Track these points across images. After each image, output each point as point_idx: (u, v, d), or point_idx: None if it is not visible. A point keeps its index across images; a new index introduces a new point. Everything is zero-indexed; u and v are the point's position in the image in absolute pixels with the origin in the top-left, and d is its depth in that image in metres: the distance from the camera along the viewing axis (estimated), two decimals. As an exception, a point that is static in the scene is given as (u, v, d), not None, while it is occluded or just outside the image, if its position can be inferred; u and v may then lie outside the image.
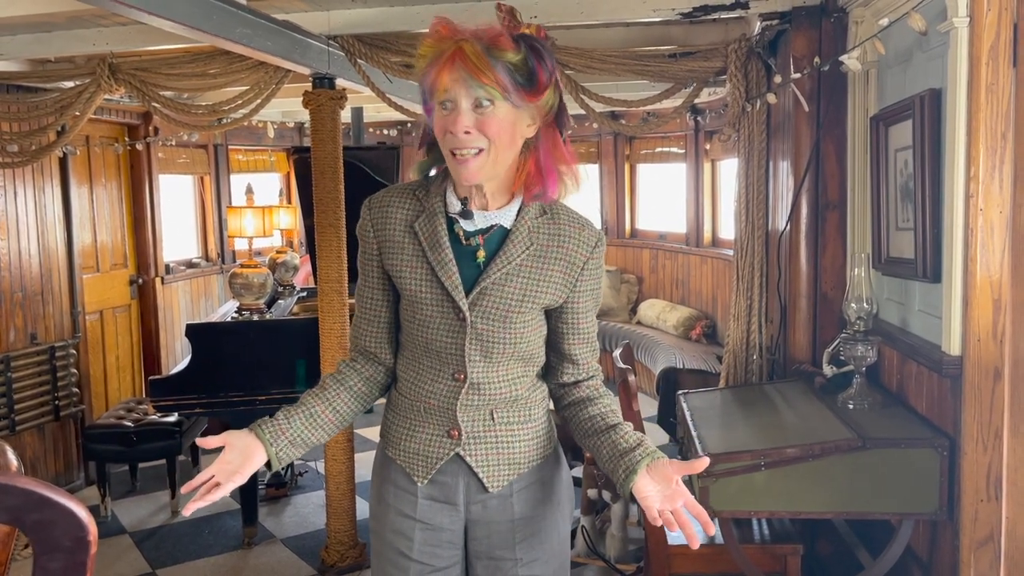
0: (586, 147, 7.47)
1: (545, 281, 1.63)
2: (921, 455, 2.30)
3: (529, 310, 1.64)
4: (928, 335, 2.45)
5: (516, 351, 1.66)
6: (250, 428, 1.64)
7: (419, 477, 1.70)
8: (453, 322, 1.62)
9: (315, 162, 3.68)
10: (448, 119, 1.52)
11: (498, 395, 1.67)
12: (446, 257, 1.60)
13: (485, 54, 1.49)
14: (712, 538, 2.84)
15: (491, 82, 1.49)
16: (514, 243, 1.61)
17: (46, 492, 0.89)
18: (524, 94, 1.53)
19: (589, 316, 1.71)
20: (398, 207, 1.67)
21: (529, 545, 1.73)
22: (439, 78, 1.50)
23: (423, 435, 1.70)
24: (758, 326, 3.52)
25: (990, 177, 2.13)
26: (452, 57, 1.49)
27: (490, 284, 1.61)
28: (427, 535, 1.72)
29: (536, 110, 1.57)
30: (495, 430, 1.68)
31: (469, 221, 1.62)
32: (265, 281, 4.50)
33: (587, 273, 1.67)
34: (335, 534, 3.79)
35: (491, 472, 1.69)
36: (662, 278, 7.05)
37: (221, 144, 6.51)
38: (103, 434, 4.44)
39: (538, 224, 1.63)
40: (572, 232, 1.65)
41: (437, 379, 1.67)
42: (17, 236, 4.54)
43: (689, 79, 3.65)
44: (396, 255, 1.66)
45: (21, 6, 3.09)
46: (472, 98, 1.51)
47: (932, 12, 2.29)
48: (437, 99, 1.53)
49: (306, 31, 3.46)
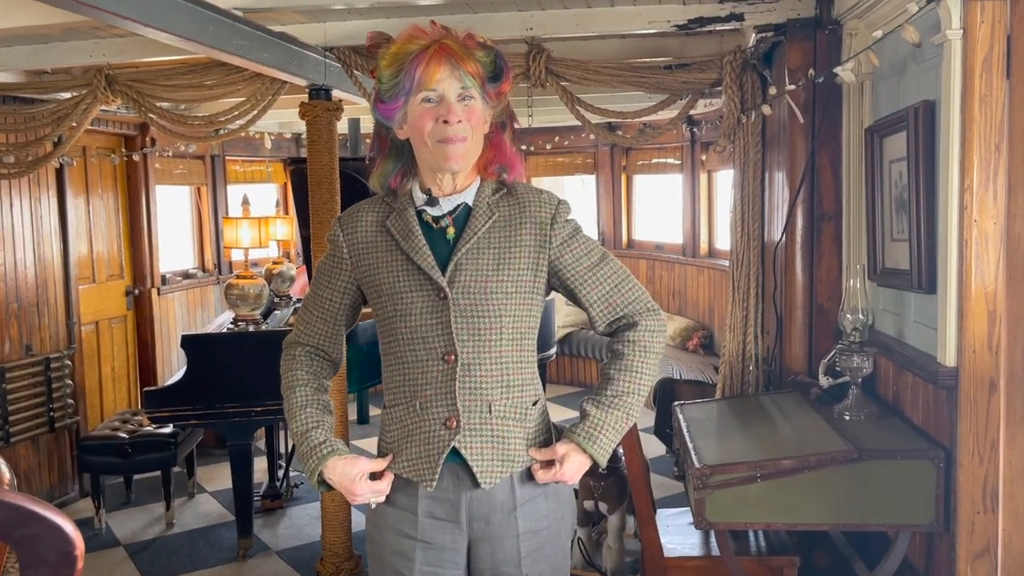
0: (583, 158, 7.48)
1: (517, 246, 1.69)
2: (917, 467, 2.30)
3: (508, 279, 1.67)
4: (924, 346, 2.45)
5: (503, 327, 1.66)
6: (329, 459, 1.69)
7: (426, 480, 1.67)
8: (436, 302, 1.65)
9: (311, 173, 3.68)
10: (439, 110, 1.60)
11: (492, 378, 1.67)
12: (419, 243, 1.67)
13: (463, 51, 1.61)
14: (709, 550, 2.83)
15: (473, 72, 1.61)
16: (476, 216, 1.69)
17: (33, 507, 0.88)
18: (491, 91, 1.66)
19: (583, 264, 1.72)
20: (368, 212, 1.75)
21: (534, 560, 1.72)
22: (428, 71, 1.58)
23: (420, 435, 1.68)
24: (754, 337, 3.52)
25: (984, 188, 2.14)
26: (439, 51, 1.59)
27: (462, 258, 1.67)
28: (428, 555, 1.70)
29: (492, 110, 1.69)
30: (491, 423, 1.67)
31: (436, 207, 1.70)
32: (261, 292, 4.49)
33: (557, 227, 1.71)
34: (330, 546, 3.77)
35: (485, 467, 1.66)
36: (659, 289, 7.05)
37: (218, 155, 6.50)
38: (98, 446, 4.42)
39: (497, 199, 1.72)
40: (531, 198, 1.73)
41: (428, 368, 1.67)
42: (13, 247, 4.54)
43: (685, 91, 3.66)
44: (371, 255, 1.72)
45: (18, 17, 3.09)
46: (458, 90, 1.60)
47: (926, 24, 2.30)
48: (422, 92, 1.60)
49: (302, 43, 3.46)
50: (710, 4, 3.27)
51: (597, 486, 3.40)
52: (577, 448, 1.70)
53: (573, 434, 1.71)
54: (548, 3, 3.33)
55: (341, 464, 1.68)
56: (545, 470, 1.70)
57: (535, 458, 1.71)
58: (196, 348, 4.07)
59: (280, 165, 7.23)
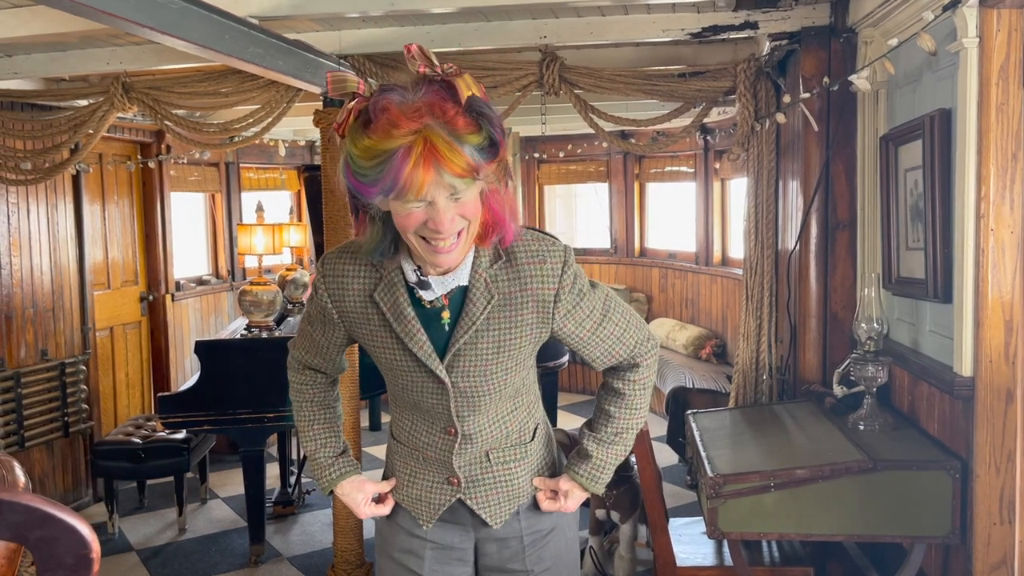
0: (595, 166, 7.48)
1: (518, 327, 1.58)
2: (933, 477, 2.28)
3: (508, 358, 1.61)
4: (939, 356, 2.43)
5: (503, 396, 1.66)
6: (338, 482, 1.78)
7: (424, 521, 1.73)
8: (435, 385, 1.61)
9: (325, 180, 3.69)
10: (427, 214, 1.42)
11: (490, 438, 1.69)
12: (413, 328, 1.56)
13: (454, 141, 1.38)
14: (722, 560, 2.82)
15: (465, 172, 1.39)
16: (473, 301, 1.55)
17: (49, 509, 0.88)
18: (485, 167, 1.44)
19: (584, 329, 1.65)
20: (354, 277, 1.60)
21: (539, 556, 1.76)
22: (412, 178, 1.36)
23: (424, 482, 1.73)
24: (768, 346, 3.51)
25: (1001, 197, 2.13)
26: (426, 155, 1.36)
27: (462, 346, 1.57)
28: (437, 554, 1.74)
29: (492, 171, 1.47)
30: (492, 470, 1.70)
31: (428, 291, 1.56)
32: (274, 298, 4.51)
33: (562, 301, 1.60)
34: (342, 553, 3.76)
35: (492, 511, 1.72)
36: (671, 297, 7.03)
37: (232, 162, 6.54)
38: (112, 451, 4.44)
39: (495, 273, 1.56)
40: (532, 271, 1.57)
41: (431, 432, 1.69)
42: (29, 253, 4.57)
43: (698, 99, 3.66)
44: (362, 326, 1.62)
45: (36, 25, 3.12)
46: (448, 193, 1.41)
47: (941, 32, 2.29)
48: (406, 199, 1.40)
49: (317, 51, 3.48)
50: (724, 12, 3.27)
51: (609, 495, 3.38)
52: (579, 486, 1.75)
53: (576, 474, 1.75)
54: (562, 11, 3.34)
55: (348, 487, 1.78)
56: (550, 500, 1.74)
57: (539, 487, 1.75)
58: (210, 354, 4.09)
59: (294, 172, 7.27)
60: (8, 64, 3.89)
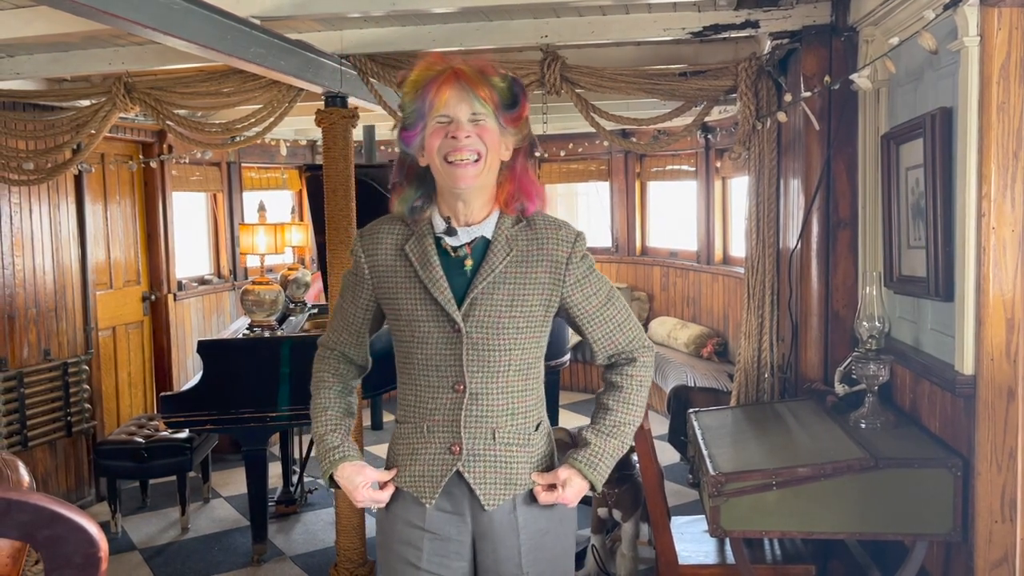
0: (596, 165, 7.48)
1: (531, 284, 1.74)
2: (934, 475, 2.28)
3: (520, 315, 1.73)
4: (941, 354, 2.43)
5: (512, 359, 1.74)
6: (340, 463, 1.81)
7: (426, 498, 1.77)
8: (449, 334, 1.72)
9: (327, 180, 3.70)
10: (449, 128, 1.66)
11: (498, 407, 1.74)
12: (436, 274, 1.72)
13: (480, 76, 1.67)
14: (724, 558, 2.82)
15: (486, 97, 1.66)
16: (495, 251, 1.73)
17: (57, 508, 0.89)
18: (506, 117, 1.70)
19: (591, 302, 1.79)
20: (387, 233, 1.79)
21: (534, 559, 1.79)
22: (439, 94, 1.65)
23: (426, 455, 1.77)
24: (769, 344, 3.51)
25: (1002, 196, 2.13)
26: (451, 76, 1.66)
27: (479, 294, 1.71)
28: (436, 545, 1.78)
29: (511, 137, 1.73)
30: (495, 449, 1.75)
31: (454, 237, 1.74)
32: (276, 298, 4.51)
33: (572, 266, 1.76)
34: (344, 552, 3.77)
35: (488, 490, 1.75)
36: (673, 296, 7.03)
37: (234, 162, 6.55)
38: (114, 450, 4.45)
39: (515, 232, 1.75)
40: (549, 233, 1.76)
41: (438, 395, 1.75)
42: (32, 253, 4.58)
43: (700, 98, 3.66)
44: (389, 278, 1.77)
45: (38, 26, 3.13)
46: (469, 112, 1.66)
47: (943, 31, 2.29)
48: (435, 115, 1.66)
49: (319, 50, 3.49)
50: (725, 11, 3.27)
51: (611, 493, 3.39)
52: (578, 474, 1.79)
53: (576, 461, 1.80)
54: (563, 11, 3.34)
55: (349, 470, 1.81)
56: (548, 492, 1.79)
57: (538, 482, 1.79)
58: (212, 353, 4.10)
59: (296, 172, 7.28)
60: (10, 64, 3.89)
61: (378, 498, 1.81)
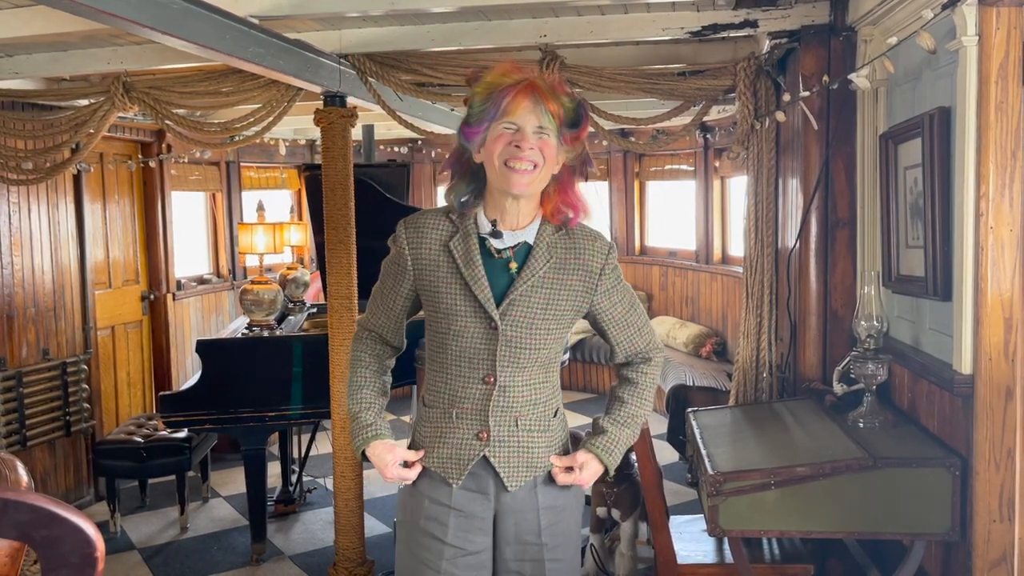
0: (596, 164, 7.47)
1: (566, 291, 1.86)
2: (933, 475, 2.29)
3: (552, 317, 1.85)
4: (939, 353, 2.43)
5: (539, 356, 1.87)
6: (372, 441, 1.91)
7: (453, 479, 1.88)
8: (486, 331, 1.83)
9: (326, 179, 3.70)
10: (515, 136, 1.76)
11: (522, 398, 1.87)
12: (479, 273, 1.82)
13: (551, 93, 1.78)
14: (722, 557, 2.82)
15: (554, 113, 1.77)
16: (536, 257, 1.85)
17: (54, 508, 0.89)
18: (567, 136, 1.81)
19: (617, 309, 1.94)
20: (433, 227, 1.88)
21: (552, 532, 1.93)
22: (515, 102, 1.75)
23: (454, 440, 1.88)
24: (768, 344, 3.51)
25: (1000, 195, 2.13)
26: (528, 87, 1.76)
27: (518, 296, 1.83)
28: (461, 521, 1.89)
29: (566, 153, 1.84)
30: (518, 435, 1.88)
31: (499, 239, 1.84)
32: (275, 297, 4.51)
33: (605, 277, 1.90)
34: (343, 551, 3.77)
35: (511, 473, 1.88)
36: (672, 295, 7.03)
37: (233, 161, 6.54)
38: (113, 450, 4.45)
39: (555, 239, 1.87)
40: (586, 244, 1.89)
41: (468, 384, 1.86)
42: (31, 252, 4.58)
43: (698, 97, 3.66)
44: (432, 272, 1.87)
45: (37, 25, 3.13)
46: (536, 125, 1.76)
47: (941, 31, 2.29)
48: (503, 120, 1.76)
49: (318, 50, 3.49)
50: (724, 11, 3.27)
51: (610, 493, 3.39)
52: (595, 458, 1.94)
53: (593, 446, 1.94)
54: (562, 10, 3.34)
55: (380, 448, 1.91)
56: (565, 473, 1.91)
57: (556, 464, 1.92)
58: (211, 353, 4.10)
59: (295, 171, 7.28)
60: (9, 64, 3.89)
61: (406, 476, 1.91)
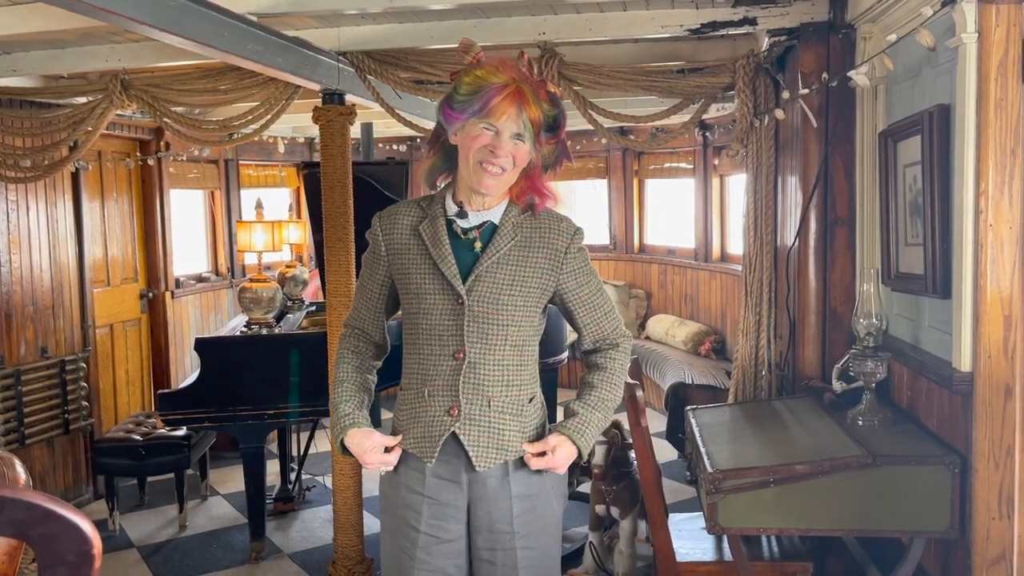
0: (594, 162, 7.48)
1: (531, 267, 1.92)
2: (932, 472, 2.28)
3: (519, 294, 1.90)
4: (938, 351, 2.43)
5: (508, 334, 1.90)
6: (349, 430, 1.95)
7: (427, 457, 1.90)
8: (453, 307, 1.88)
9: (325, 177, 3.69)
10: (493, 141, 1.83)
11: (493, 377, 1.89)
12: (445, 252, 1.89)
13: (535, 99, 1.83)
14: (721, 555, 2.82)
15: (534, 120, 1.84)
16: (501, 235, 1.91)
17: (51, 505, 0.89)
18: (543, 139, 1.88)
19: (584, 291, 1.98)
20: (404, 215, 1.97)
21: (525, 520, 1.93)
22: (500, 107, 1.81)
23: (426, 418, 1.91)
24: (767, 342, 3.51)
25: (1000, 192, 2.13)
26: (515, 94, 1.81)
27: (483, 271, 1.88)
28: (434, 509, 1.92)
29: (539, 153, 1.91)
30: (489, 415, 1.90)
31: (465, 219, 1.91)
32: (274, 295, 4.51)
33: (570, 256, 1.95)
34: (342, 549, 3.77)
35: (480, 452, 1.89)
36: (671, 293, 7.03)
37: (232, 159, 6.54)
38: (112, 448, 4.45)
39: (521, 220, 1.94)
40: (551, 224, 1.95)
41: (439, 362, 1.90)
42: (29, 250, 4.57)
43: (697, 95, 3.66)
44: (403, 255, 1.94)
45: (35, 23, 3.12)
46: (514, 131, 1.83)
47: (940, 28, 2.29)
48: (485, 120, 1.82)
49: (316, 47, 3.48)
50: (723, 8, 3.26)
51: (609, 490, 3.39)
52: (567, 440, 1.94)
53: (565, 428, 1.96)
54: (561, 8, 3.34)
55: (358, 436, 1.95)
56: (538, 459, 1.92)
57: (528, 450, 1.92)
58: (209, 351, 4.09)
59: (293, 169, 7.27)
60: (7, 61, 3.88)
61: (387, 460, 1.95)
